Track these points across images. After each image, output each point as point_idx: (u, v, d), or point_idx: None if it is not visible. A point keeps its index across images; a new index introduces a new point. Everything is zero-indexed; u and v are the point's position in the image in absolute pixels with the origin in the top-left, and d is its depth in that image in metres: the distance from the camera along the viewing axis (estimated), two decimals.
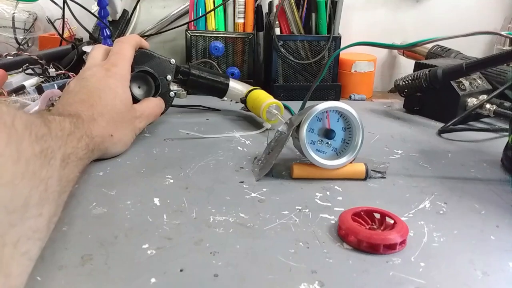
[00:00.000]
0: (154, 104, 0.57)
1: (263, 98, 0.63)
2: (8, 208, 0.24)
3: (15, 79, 0.69)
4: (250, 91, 0.66)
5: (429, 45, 0.85)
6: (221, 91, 0.67)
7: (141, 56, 0.58)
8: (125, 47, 0.54)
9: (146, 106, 0.55)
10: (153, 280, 0.31)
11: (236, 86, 0.68)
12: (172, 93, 0.62)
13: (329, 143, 0.48)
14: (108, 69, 0.50)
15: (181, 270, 0.32)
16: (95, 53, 0.55)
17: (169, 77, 0.61)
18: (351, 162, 0.48)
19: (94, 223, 0.37)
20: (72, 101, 0.46)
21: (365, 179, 0.48)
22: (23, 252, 0.25)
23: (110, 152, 0.49)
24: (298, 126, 0.46)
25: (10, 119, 0.26)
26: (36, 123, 0.30)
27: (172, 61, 0.61)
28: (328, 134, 0.47)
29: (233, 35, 0.80)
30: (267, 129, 0.62)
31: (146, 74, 0.58)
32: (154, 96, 0.59)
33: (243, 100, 0.66)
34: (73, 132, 0.38)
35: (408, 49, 0.87)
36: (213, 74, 0.67)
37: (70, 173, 0.35)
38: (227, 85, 0.67)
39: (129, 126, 0.51)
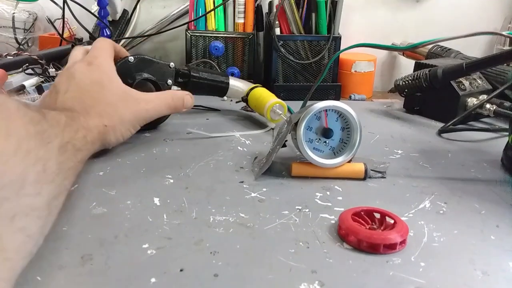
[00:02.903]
0: (167, 94, 0.56)
1: (265, 97, 0.62)
2: None
3: (15, 79, 0.69)
4: (251, 89, 0.65)
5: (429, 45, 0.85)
6: (222, 90, 0.67)
7: (140, 62, 0.57)
8: (104, 42, 0.54)
9: (154, 93, 0.55)
10: (153, 280, 0.30)
11: (237, 84, 0.68)
12: None
13: (327, 142, 0.48)
14: (91, 62, 0.50)
15: (181, 270, 0.32)
16: (75, 53, 0.55)
17: (169, 81, 0.60)
18: (349, 162, 0.48)
19: (94, 223, 0.37)
20: (64, 99, 0.47)
21: (364, 178, 0.48)
22: (20, 228, 0.25)
23: (108, 141, 0.48)
24: (297, 124, 0.46)
25: (2, 99, 0.26)
26: (31, 109, 0.30)
27: (172, 64, 0.60)
28: (326, 133, 0.47)
29: (233, 35, 0.80)
30: (272, 128, 0.62)
31: (147, 81, 0.58)
32: None
33: (245, 99, 0.66)
34: (70, 124, 0.38)
35: (409, 50, 0.87)
36: (213, 74, 0.67)
37: (69, 160, 0.35)
38: (228, 83, 0.67)
39: (126, 116, 0.50)
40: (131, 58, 0.56)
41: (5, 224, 0.24)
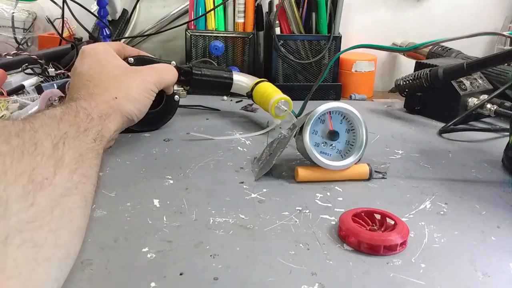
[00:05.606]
0: (164, 65, 0.58)
1: (270, 93, 0.61)
2: None
3: (15, 79, 0.69)
4: (256, 84, 0.64)
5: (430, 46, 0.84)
6: (226, 86, 0.65)
7: (140, 62, 0.56)
8: (109, 42, 0.55)
9: (153, 64, 0.57)
10: (152, 284, 0.30)
11: (241, 79, 0.66)
12: (176, 97, 0.61)
13: (333, 145, 0.47)
14: (88, 53, 0.51)
15: (181, 274, 0.32)
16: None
17: None
18: (356, 163, 0.48)
19: (94, 227, 0.37)
20: (72, 93, 0.48)
21: (368, 179, 0.48)
22: (19, 244, 0.26)
23: (128, 111, 0.48)
24: (301, 128, 0.46)
25: None
26: (6, 125, 0.30)
27: (173, 63, 0.60)
28: (332, 135, 0.47)
29: (233, 35, 0.80)
30: (274, 127, 0.61)
31: None
32: (161, 103, 0.59)
33: (249, 94, 0.64)
34: (66, 113, 0.39)
35: (410, 51, 0.87)
36: (215, 70, 0.65)
37: (75, 147, 0.35)
38: (231, 79, 0.65)
39: (134, 83, 0.51)
40: (131, 59, 0.56)
41: None
